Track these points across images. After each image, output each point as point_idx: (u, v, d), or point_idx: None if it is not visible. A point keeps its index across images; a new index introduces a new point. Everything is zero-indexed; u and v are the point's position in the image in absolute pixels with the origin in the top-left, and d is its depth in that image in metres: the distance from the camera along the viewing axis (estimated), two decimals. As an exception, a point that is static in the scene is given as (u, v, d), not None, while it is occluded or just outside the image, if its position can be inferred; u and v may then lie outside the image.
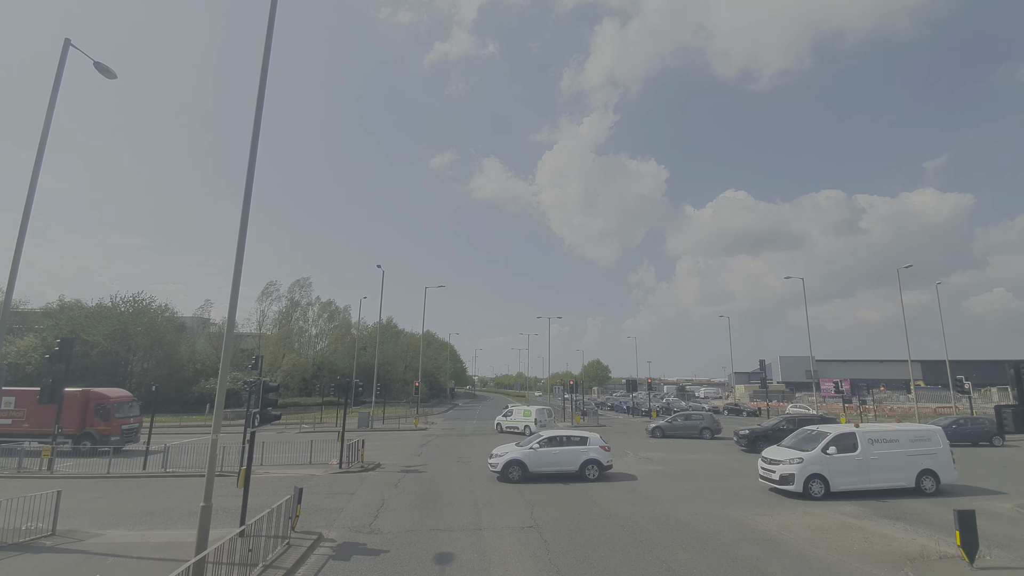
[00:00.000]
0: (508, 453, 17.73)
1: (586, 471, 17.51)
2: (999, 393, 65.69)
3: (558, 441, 18.17)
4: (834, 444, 14.57)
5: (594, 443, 18.08)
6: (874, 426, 15.72)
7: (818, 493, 14.25)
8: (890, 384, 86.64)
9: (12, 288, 11.65)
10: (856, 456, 14.52)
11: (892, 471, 14.59)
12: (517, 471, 17.26)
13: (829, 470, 14.37)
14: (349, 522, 12.33)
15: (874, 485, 14.45)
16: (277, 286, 68.07)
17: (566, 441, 18.17)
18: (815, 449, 14.64)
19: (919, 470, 14.66)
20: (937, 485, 14.72)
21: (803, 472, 14.31)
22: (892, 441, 14.77)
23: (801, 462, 14.44)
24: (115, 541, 10.73)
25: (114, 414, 25.69)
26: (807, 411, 43.29)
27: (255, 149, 10.00)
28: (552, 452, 17.74)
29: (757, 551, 9.97)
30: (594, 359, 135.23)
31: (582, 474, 17.48)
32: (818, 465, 14.40)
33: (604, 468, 17.84)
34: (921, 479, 14.63)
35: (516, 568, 9.12)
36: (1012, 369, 13.68)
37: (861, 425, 15.37)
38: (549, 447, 17.86)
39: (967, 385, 35.00)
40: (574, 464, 17.61)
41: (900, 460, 14.62)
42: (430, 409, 62.48)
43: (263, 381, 10.71)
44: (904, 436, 14.93)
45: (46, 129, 11.87)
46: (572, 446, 17.97)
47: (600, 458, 17.82)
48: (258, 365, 28.84)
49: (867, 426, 15.54)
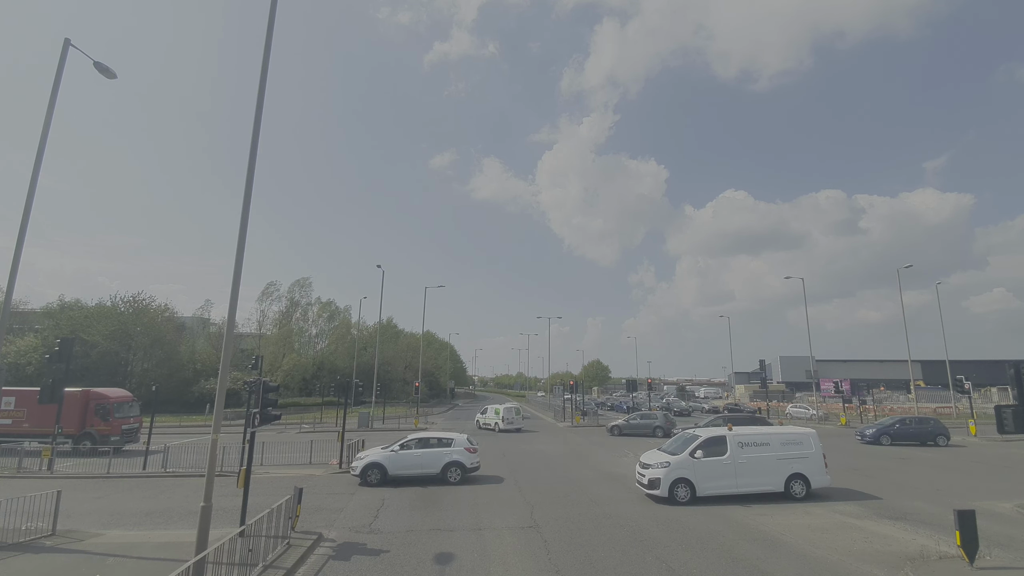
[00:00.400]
0: (369, 456, 17.16)
1: (448, 474, 17.00)
2: (999, 393, 65.69)
3: (423, 443, 17.61)
4: (703, 448, 14.17)
5: (459, 445, 17.57)
6: (746, 429, 15.30)
7: (683, 498, 13.71)
8: (890, 384, 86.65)
9: (12, 288, 11.67)
10: (724, 460, 14.09)
11: (761, 475, 14.15)
12: (376, 474, 16.64)
13: (696, 474, 13.89)
14: (349, 522, 12.33)
15: (742, 490, 14.01)
16: (277, 286, 68.26)
17: (430, 443, 17.60)
18: (683, 453, 14.20)
19: (789, 474, 14.20)
20: (807, 489, 14.23)
21: (669, 476, 13.85)
22: (763, 445, 14.37)
23: (668, 466, 13.99)
24: (115, 541, 10.74)
25: (114, 414, 25.70)
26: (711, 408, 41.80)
27: (255, 149, 10.00)
28: (414, 455, 17.12)
29: (757, 551, 9.97)
30: (594, 359, 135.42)
31: (444, 477, 16.94)
32: (684, 469, 13.92)
33: (468, 470, 17.32)
34: (791, 483, 14.17)
35: (516, 568, 9.12)
36: (1012, 369, 13.66)
37: (734, 428, 14.93)
38: (412, 449, 17.27)
39: (967, 385, 34.98)
40: (435, 467, 17.08)
41: (770, 464, 14.20)
42: (430, 409, 62.49)
43: (263, 381, 10.71)
44: (776, 440, 14.54)
45: (46, 129, 11.88)
46: (435, 448, 17.41)
47: (464, 460, 17.26)
48: (258, 365, 28.87)
49: (740, 429, 15.09)
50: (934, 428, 29.26)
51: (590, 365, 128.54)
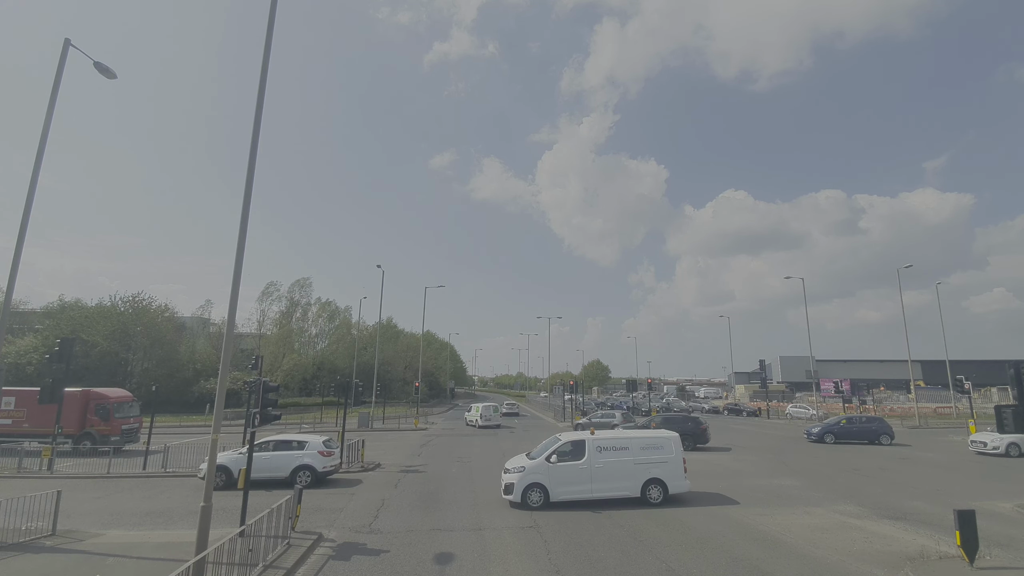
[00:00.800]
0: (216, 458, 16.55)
1: (297, 477, 16.35)
2: (999, 393, 65.69)
3: (275, 446, 17.11)
4: (560, 452, 13.84)
5: (312, 448, 17.01)
6: (607, 433, 14.93)
7: (536, 503, 13.30)
8: (890, 384, 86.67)
9: (12, 288, 11.68)
10: (581, 465, 13.68)
11: (618, 480, 13.76)
12: (222, 478, 15.90)
13: (550, 479, 13.51)
14: (349, 522, 12.33)
15: (597, 495, 13.60)
16: (277, 286, 68.29)
17: (282, 446, 17.12)
18: (540, 458, 13.91)
19: (646, 479, 13.80)
20: (664, 494, 13.79)
21: (522, 482, 13.49)
22: (622, 449, 13.99)
23: (522, 471, 13.66)
24: (115, 541, 10.74)
25: (114, 414, 25.70)
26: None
27: (255, 149, 10.00)
28: (262, 458, 16.39)
29: (757, 551, 9.97)
30: (594, 359, 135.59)
31: (292, 481, 16.18)
32: (539, 474, 13.54)
33: (320, 474, 16.77)
34: (647, 488, 13.78)
35: (516, 568, 9.12)
36: (1012, 369, 13.64)
37: (596, 433, 14.56)
38: (261, 452, 16.59)
39: (967, 385, 35.00)
40: (284, 470, 16.56)
41: (628, 469, 13.80)
42: (430, 409, 62.53)
43: (263, 381, 10.71)
44: (635, 444, 14.17)
45: (46, 129, 11.88)
46: (286, 451, 16.91)
47: (315, 464, 16.70)
48: (258, 365, 28.71)
49: (602, 433, 14.77)
50: (878, 427, 29.51)
51: (590, 365, 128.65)
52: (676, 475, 14.04)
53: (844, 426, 29.82)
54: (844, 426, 29.82)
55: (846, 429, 29.63)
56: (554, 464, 13.72)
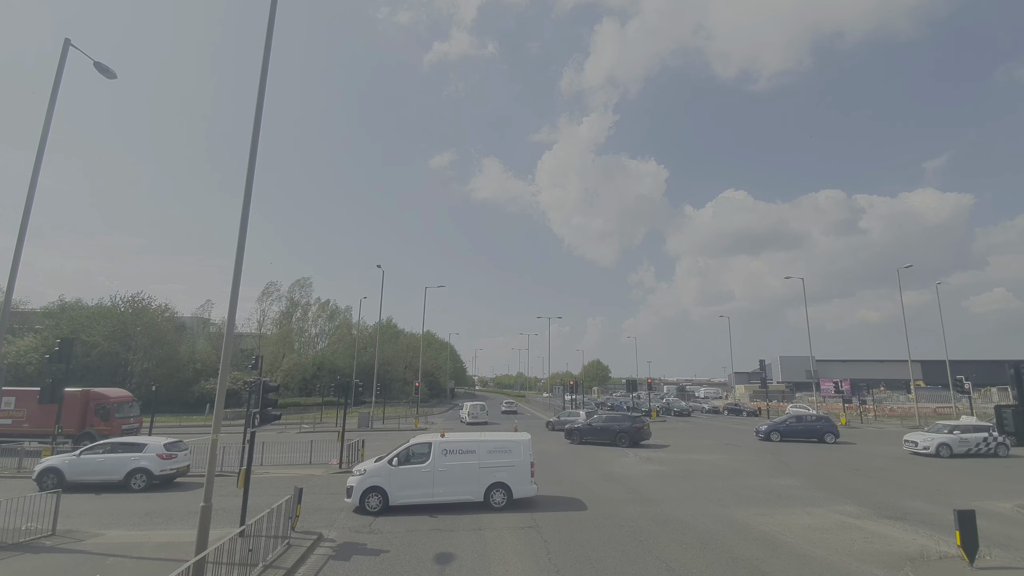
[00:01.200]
0: (46, 460, 16.31)
1: (132, 481, 15.98)
2: (999, 393, 65.65)
3: (111, 447, 16.75)
4: (403, 455, 13.54)
5: (151, 450, 16.54)
6: (457, 436, 14.65)
7: (374, 508, 12.94)
8: (890, 384, 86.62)
9: (12, 288, 11.68)
10: (424, 468, 13.33)
11: (461, 484, 13.46)
12: (52, 479, 15.51)
13: (390, 483, 13.12)
14: (349, 522, 12.32)
15: (439, 499, 13.28)
16: (277, 286, 68.34)
17: (118, 448, 16.76)
18: (382, 460, 13.65)
19: (491, 483, 13.51)
20: (508, 499, 13.48)
21: (362, 485, 13.12)
22: (468, 452, 13.71)
23: (363, 474, 13.33)
24: (115, 541, 10.73)
25: (114, 414, 25.72)
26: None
27: (255, 149, 9.99)
28: (96, 460, 16.07)
29: (757, 551, 9.97)
30: (594, 359, 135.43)
31: (128, 484, 15.90)
32: (379, 477, 13.15)
33: (159, 477, 16.30)
34: (491, 493, 13.47)
35: (516, 568, 9.11)
36: (1012, 369, 13.71)
37: (447, 435, 14.35)
38: (96, 454, 16.35)
39: (967, 385, 35.01)
40: (119, 473, 16.11)
41: (472, 472, 13.48)
42: (430, 409, 62.53)
43: (263, 381, 10.70)
44: (483, 447, 13.84)
45: (46, 129, 11.87)
46: (123, 453, 16.46)
47: (152, 467, 16.21)
48: (258, 365, 28.80)
49: (452, 436, 14.52)
50: (823, 426, 30.11)
51: (590, 365, 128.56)
52: (522, 480, 13.70)
53: (791, 424, 30.81)
54: (791, 424, 30.81)
55: (792, 427, 30.54)
56: (395, 467, 13.33)
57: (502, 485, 13.58)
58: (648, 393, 58.67)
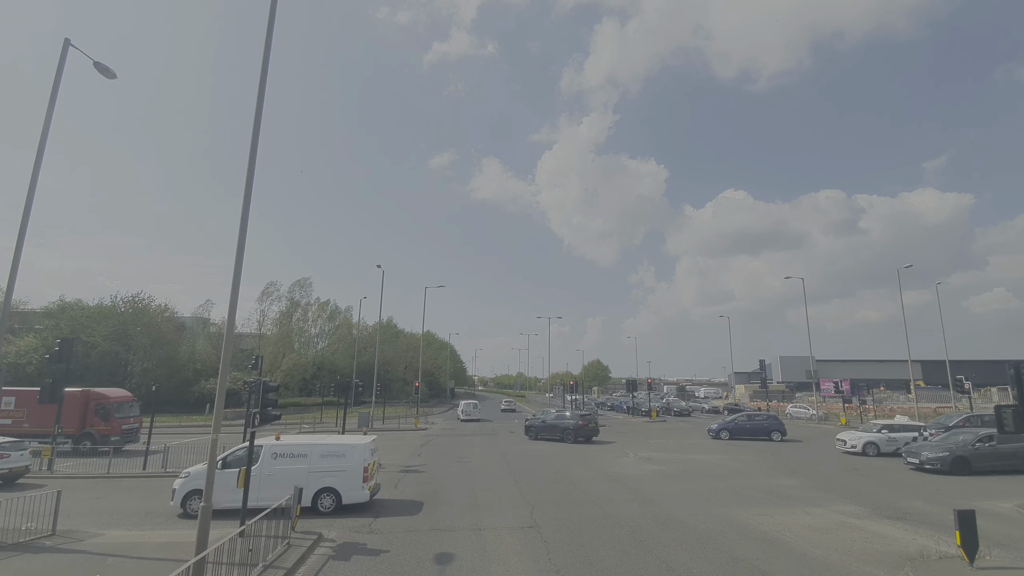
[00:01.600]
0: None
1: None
2: (999, 393, 65.68)
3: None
4: (228, 459, 13.22)
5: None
6: (292, 439, 14.55)
7: (195, 512, 12.43)
8: (890, 384, 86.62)
9: (12, 288, 11.67)
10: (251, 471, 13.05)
11: (288, 489, 12.85)
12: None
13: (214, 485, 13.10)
14: (349, 522, 12.33)
15: (264, 503, 12.21)
16: (277, 286, 68.25)
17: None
18: (203, 464, 13.19)
19: (319, 488, 13.27)
20: (337, 504, 13.23)
21: (184, 488, 12.91)
22: (300, 456, 13.50)
23: (187, 477, 13.07)
24: (115, 541, 10.74)
25: (114, 414, 25.70)
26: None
27: (255, 149, 9.99)
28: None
29: (757, 551, 9.97)
30: (594, 359, 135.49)
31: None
32: (203, 480, 12.89)
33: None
34: (319, 498, 13.24)
35: (516, 568, 9.12)
36: (1012, 369, 13.63)
37: (282, 438, 14.07)
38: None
39: (967, 385, 35.04)
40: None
41: (301, 477, 13.11)
42: (430, 409, 62.54)
43: (263, 381, 10.71)
44: (315, 452, 13.62)
45: (46, 129, 11.87)
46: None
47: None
48: (258, 365, 28.83)
49: (288, 439, 14.32)
50: (770, 424, 31.50)
51: (590, 365, 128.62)
52: (353, 485, 13.45)
53: (739, 423, 32.09)
54: (739, 423, 32.09)
55: (741, 426, 31.84)
56: (221, 471, 12.84)
57: (331, 490, 13.34)
58: (648, 393, 58.64)
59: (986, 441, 18.81)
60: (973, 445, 18.77)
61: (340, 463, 13.57)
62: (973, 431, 20.27)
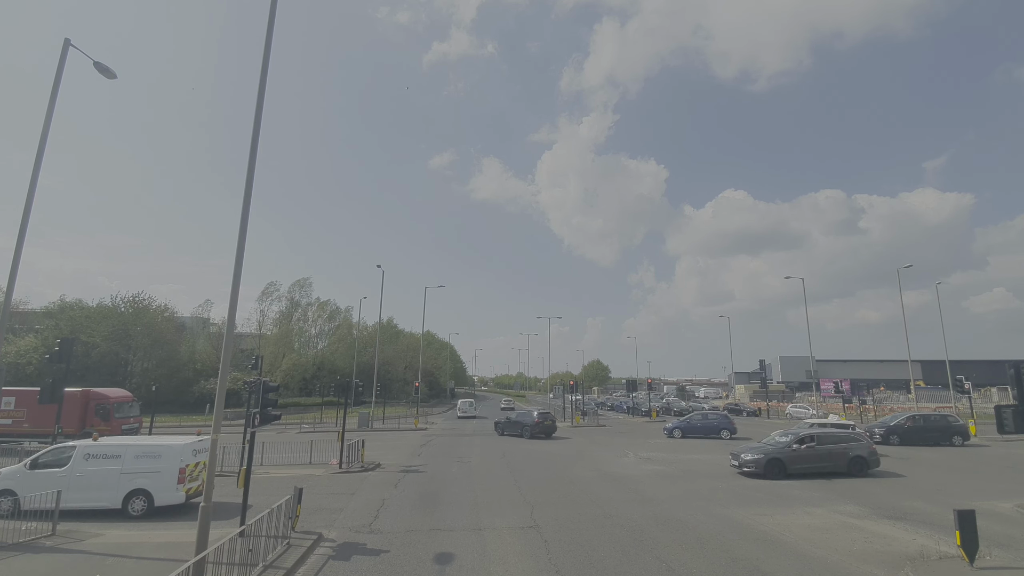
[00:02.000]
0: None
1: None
2: (999, 393, 65.67)
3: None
4: (39, 459, 12.94)
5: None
6: (109, 440, 14.15)
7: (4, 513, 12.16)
8: (890, 384, 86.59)
9: (12, 288, 11.66)
10: (60, 473, 12.72)
11: (97, 490, 12.84)
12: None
13: (23, 487, 12.39)
14: (349, 522, 12.32)
15: (73, 505, 12.39)
16: (277, 286, 68.27)
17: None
18: (20, 464, 13.10)
19: (131, 490, 12.94)
20: (148, 506, 12.96)
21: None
22: (114, 457, 13.11)
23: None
24: (115, 541, 10.74)
25: (114, 414, 25.73)
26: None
27: (255, 149, 9.99)
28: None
29: (757, 551, 9.97)
30: (594, 359, 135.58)
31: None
32: (12, 480, 12.53)
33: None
34: (130, 500, 12.91)
35: (516, 568, 9.11)
36: (1012, 369, 13.64)
37: (99, 439, 13.78)
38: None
39: (967, 385, 34.99)
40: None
41: (112, 478, 12.84)
42: (430, 409, 62.54)
43: (263, 381, 10.71)
44: (130, 452, 13.21)
45: (46, 129, 11.87)
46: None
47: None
48: (258, 365, 28.82)
49: (105, 440, 13.99)
50: (720, 423, 32.41)
51: (590, 365, 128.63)
52: (166, 487, 13.09)
53: (691, 422, 32.87)
54: (691, 422, 32.87)
55: (692, 425, 32.56)
56: (31, 471, 12.76)
57: (143, 492, 13.02)
58: (648, 393, 58.60)
59: (805, 443, 18.41)
60: (790, 447, 18.30)
61: (155, 464, 13.20)
62: (794, 433, 19.51)
